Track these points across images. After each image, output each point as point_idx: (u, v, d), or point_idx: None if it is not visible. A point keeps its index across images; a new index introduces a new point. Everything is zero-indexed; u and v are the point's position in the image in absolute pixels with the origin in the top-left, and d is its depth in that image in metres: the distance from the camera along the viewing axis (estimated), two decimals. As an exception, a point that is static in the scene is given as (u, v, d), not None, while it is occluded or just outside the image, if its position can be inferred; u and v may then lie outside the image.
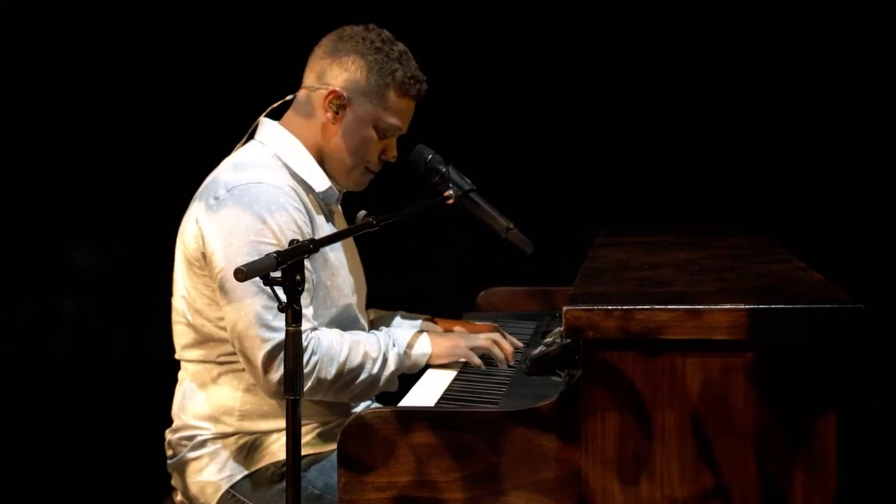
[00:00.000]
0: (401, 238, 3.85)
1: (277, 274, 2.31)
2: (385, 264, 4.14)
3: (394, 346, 2.89)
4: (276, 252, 2.32)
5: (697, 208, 4.26)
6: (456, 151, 3.06)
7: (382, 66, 2.92)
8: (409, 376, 2.94)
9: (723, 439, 2.31)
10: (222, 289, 2.77)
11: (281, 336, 2.67)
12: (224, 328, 2.82)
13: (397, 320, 3.30)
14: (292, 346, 2.34)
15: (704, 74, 4.42)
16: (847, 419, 2.30)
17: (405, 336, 2.94)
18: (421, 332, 2.99)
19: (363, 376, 2.82)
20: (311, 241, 2.40)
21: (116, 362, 4.47)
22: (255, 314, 2.72)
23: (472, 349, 2.99)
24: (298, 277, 2.35)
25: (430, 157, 2.99)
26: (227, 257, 2.74)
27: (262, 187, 2.79)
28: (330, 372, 2.77)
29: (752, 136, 4.44)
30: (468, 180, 2.99)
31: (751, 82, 4.41)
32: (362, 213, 2.70)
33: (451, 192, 2.95)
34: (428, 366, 2.97)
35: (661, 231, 3.56)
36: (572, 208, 4.43)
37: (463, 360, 2.99)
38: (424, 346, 2.95)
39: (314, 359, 2.75)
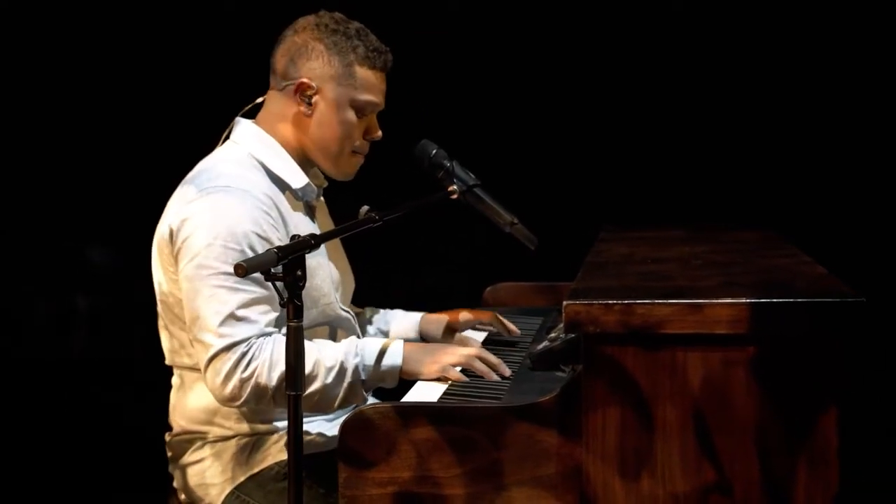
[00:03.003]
0: (407, 234, 3.84)
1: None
2: (391, 260, 4.15)
3: (356, 356, 2.75)
4: (278, 247, 2.32)
5: (705, 205, 4.24)
6: (460, 146, 3.05)
7: (342, 46, 2.89)
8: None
9: (724, 434, 2.30)
10: (183, 289, 2.76)
11: (226, 341, 2.67)
12: None
13: (389, 317, 3.30)
14: (293, 342, 2.34)
15: (710, 71, 4.40)
16: (850, 414, 2.28)
17: (374, 345, 2.79)
18: (395, 341, 2.82)
19: (315, 385, 2.71)
20: (313, 236, 2.40)
21: (127, 361, 4.47)
22: (204, 318, 2.69)
23: (453, 364, 2.81)
24: (299, 273, 2.35)
25: (434, 152, 2.98)
26: (191, 258, 2.72)
27: (230, 190, 2.76)
28: (271, 378, 2.66)
29: (759, 133, 4.41)
30: (472, 175, 2.97)
31: (758, 79, 4.39)
32: (365, 208, 2.69)
33: (455, 187, 2.93)
34: (402, 379, 2.82)
35: (667, 226, 3.54)
36: (579, 204, 4.42)
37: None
38: (395, 358, 2.78)
39: (253, 364, 2.66)
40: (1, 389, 4.38)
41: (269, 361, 2.67)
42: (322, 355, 2.74)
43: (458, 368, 2.81)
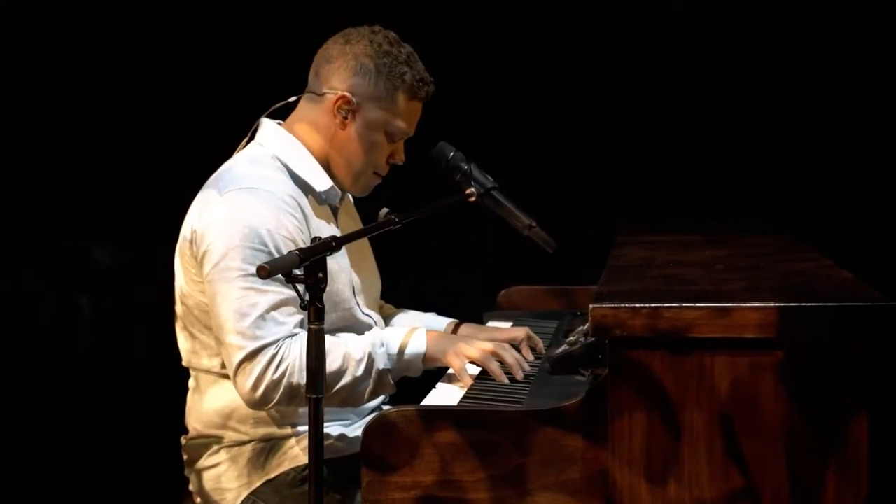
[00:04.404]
0: (421, 236, 3.82)
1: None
2: (406, 263, 4.13)
3: (381, 346, 2.77)
4: (299, 249, 2.30)
5: (718, 207, 4.24)
6: (478, 149, 3.03)
7: (391, 70, 2.86)
8: (431, 375, 2.89)
9: (752, 440, 2.28)
10: (208, 292, 2.74)
11: (256, 344, 2.65)
12: None
13: (424, 321, 3.25)
14: (315, 345, 2.32)
15: (726, 72, 4.39)
16: (880, 419, 2.26)
17: (398, 335, 2.81)
18: (418, 329, 2.84)
19: (346, 380, 2.71)
20: (334, 238, 2.38)
21: (137, 361, 4.46)
22: (233, 321, 2.67)
23: (471, 358, 2.81)
24: (321, 275, 2.32)
25: (451, 154, 2.96)
26: (216, 261, 2.70)
27: (254, 191, 2.75)
28: (303, 377, 2.62)
29: (774, 133, 4.41)
30: (490, 178, 2.95)
31: (774, 79, 4.38)
32: (385, 210, 2.67)
33: (473, 189, 2.92)
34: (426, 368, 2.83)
35: (681, 229, 3.53)
36: (590, 207, 4.41)
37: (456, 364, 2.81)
38: (418, 346, 2.79)
39: (283, 365, 2.65)
40: (10, 390, 4.36)
41: (300, 361, 2.65)
42: (350, 348, 2.73)
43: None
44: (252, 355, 2.65)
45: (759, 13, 4.35)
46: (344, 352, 2.72)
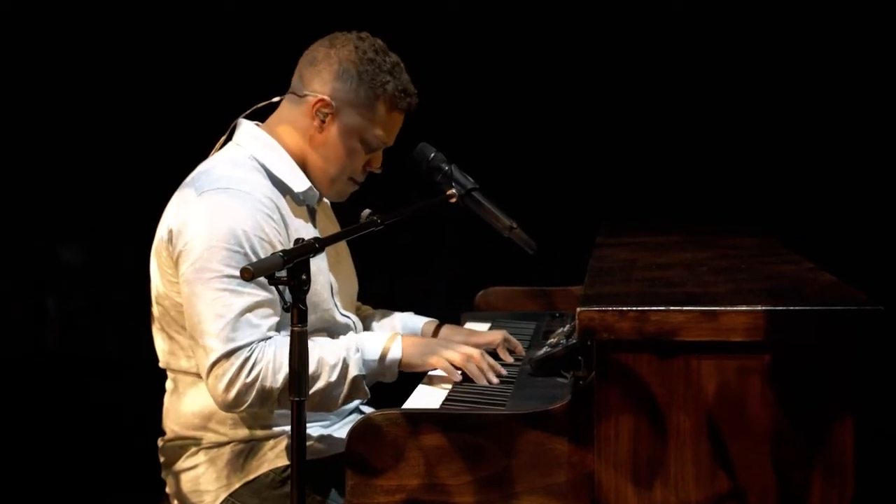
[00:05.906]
0: (399, 237, 3.81)
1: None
2: (383, 264, 4.12)
3: (357, 351, 2.74)
4: (283, 251, 2.28)
5: (697, 210, 4.24)
6: (458, 150, 3.02)
7: (374, 78, 2.85)
8: (413, 376, 2.88)
9: (739, 442, 2.28)
10: (184, 292, 2.71)
11: (229, 346, 2.64)
12: None
13: (402, 320, 3.25)
14: (297, 347, 2.30)
15: (705, 72, 4.41)
16: (866, 423, 2.26)
17: (376, 340, 2.79)
18: (395, 335, 2.83)
19: (319, 385, 2.69)
20: (317, 239, 2.37)
21: (111, 361, 4.43)
22: (207, 322, 2.65)
23: (448, 360, 2.80)
24: (304, 277, 2.30)
25: (432, 155, 2.95)
26: (192, 261, 2.68)
27: (231, 192, 2.73)
28: (276, 380, 2.63)
29: (750, 135, 4.42)
30: (471, 179, 2.94)
31: (753, 80, 4.40)
32: (367, 211, 2.66)
33: (453, 190, 2.91)
34: (402, 372, 2.81)
35: (661, 231, 3.53)
36: (566, 209, 4.41)
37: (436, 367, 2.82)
38: (395, 352, 2.78)
39: (257, 368, 2.63)
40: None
41: (273, 364, 2.64)
42: (324, 353, 2.71)
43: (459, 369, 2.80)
44: (225, 357, 2.64)
45: (747, 16, 4.37)
46: (318, 356, 2.70)
